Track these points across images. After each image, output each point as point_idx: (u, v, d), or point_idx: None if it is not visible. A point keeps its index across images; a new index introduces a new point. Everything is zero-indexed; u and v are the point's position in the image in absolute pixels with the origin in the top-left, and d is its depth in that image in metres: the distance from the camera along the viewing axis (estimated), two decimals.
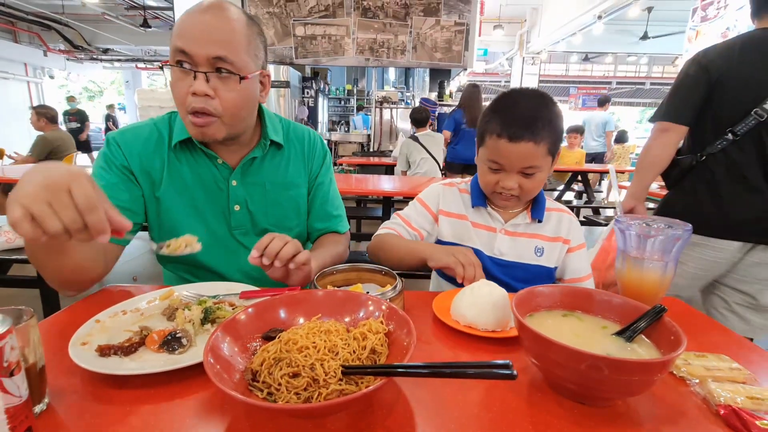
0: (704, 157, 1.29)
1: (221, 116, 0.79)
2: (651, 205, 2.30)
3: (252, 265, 0.71)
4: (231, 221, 0.92)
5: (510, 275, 0.96)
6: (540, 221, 0.96)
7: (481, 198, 0.98)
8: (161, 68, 0.82)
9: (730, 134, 1.23)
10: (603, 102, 6.32)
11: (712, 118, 1.27)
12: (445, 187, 1.05)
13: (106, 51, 10.82)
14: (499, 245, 0.96)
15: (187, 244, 0.69)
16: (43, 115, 4.05)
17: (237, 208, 0.92)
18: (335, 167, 6.83)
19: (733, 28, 4.21)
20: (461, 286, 0.78)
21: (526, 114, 0.84)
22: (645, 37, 8.70)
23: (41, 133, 4.04)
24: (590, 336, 0.55)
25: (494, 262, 0.96)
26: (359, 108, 8.96)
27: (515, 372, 0.38)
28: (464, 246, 0.93)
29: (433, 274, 1.10)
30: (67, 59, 11.40)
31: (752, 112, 1.19)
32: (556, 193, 5.05)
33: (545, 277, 0.97)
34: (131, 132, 0.89)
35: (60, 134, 4.12)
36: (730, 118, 1.24)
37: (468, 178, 1.06)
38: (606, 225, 1.62)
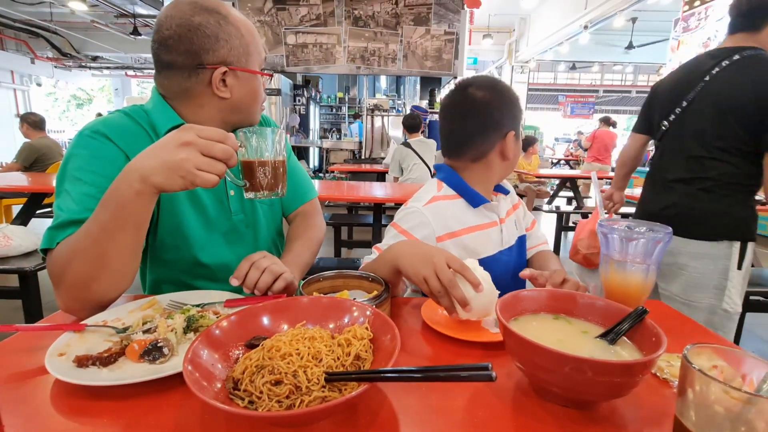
0: (652, 160, 1.57)
1: None
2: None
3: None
4: (230, 206, 0.93)
5: (510, 256, 0.99)
6: (506, 194, 1.03)
7: (481, 196, 0.94)
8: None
9: (656, 142, 1.53)
10: None
11: (654, 129, 1.56)
12: (426, 207, 0.92)
13: (95, 58, 10.71)
14: (505, 235, 0.99)
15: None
16: (29, 122, 4.02)
17: (232, 193, 0.93)
18: (327, 174, 6.84)
19: (713, 38, 4.33)
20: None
21: None
22: (630, 46, 8.92)
23: (27, 140, 4.00)
24: (574, 339, 0.56)
25: (502, 253, 0.97)
26: (356, 116, 8.93)
27: (494, 373, 0.38)
28: (480, 257, 0.88)
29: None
30: (55, 67, 11.28)
31: (661, 124, 1.44)
32: (545, 201, 5.10)
33: (524, 242, 1.05)
34: (113, 124, 0.80)
35: (46, 142, 4.06)
36: (656, 129, 1.52)
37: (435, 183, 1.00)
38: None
